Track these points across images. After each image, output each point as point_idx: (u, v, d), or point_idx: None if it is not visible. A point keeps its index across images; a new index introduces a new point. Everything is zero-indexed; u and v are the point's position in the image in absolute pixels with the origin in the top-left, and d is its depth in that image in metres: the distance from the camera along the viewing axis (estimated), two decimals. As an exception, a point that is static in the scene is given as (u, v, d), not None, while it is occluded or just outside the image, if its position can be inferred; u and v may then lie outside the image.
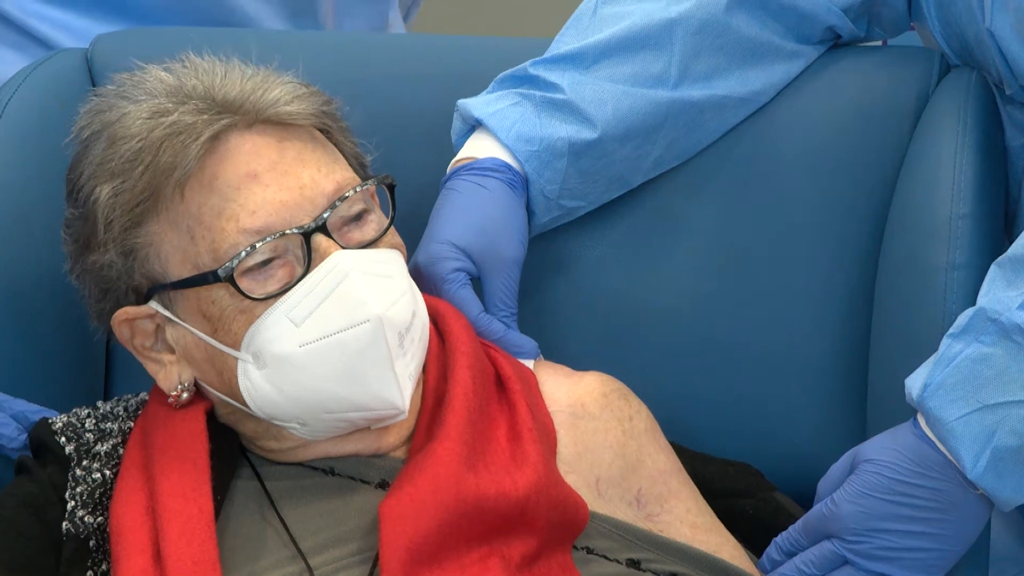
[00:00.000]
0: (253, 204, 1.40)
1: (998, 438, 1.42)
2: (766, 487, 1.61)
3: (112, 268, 1.44)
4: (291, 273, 1.41)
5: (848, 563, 1.48)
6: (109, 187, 1.42)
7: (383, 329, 1.38)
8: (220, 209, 1.40)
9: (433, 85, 1.76)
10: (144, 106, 1.42)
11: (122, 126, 1.42)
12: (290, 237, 1.40)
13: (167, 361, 1.46)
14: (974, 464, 1.43)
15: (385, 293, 1.40)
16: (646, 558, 1.46)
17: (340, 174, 1.44)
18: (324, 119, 1.47)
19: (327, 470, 1.45)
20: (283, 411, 1.42)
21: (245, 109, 1.42)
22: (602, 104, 1.65)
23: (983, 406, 1.43)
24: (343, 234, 1.43)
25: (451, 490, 1.38)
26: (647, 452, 1.53)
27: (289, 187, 1.41)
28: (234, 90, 1.42)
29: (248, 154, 1.42)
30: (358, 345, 1.38)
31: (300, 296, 1.39)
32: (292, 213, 1.41)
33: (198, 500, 1.39)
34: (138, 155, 1.41)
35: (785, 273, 1.66)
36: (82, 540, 1.42)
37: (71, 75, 1.78)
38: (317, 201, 1.42)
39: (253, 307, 1.40)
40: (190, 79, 1.44)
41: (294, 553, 1.40)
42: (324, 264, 1.40)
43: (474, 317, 1.56)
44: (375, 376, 1.39)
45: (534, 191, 1.66)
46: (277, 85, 1.44)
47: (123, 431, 1.49)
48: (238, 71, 1.45)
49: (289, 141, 1.43)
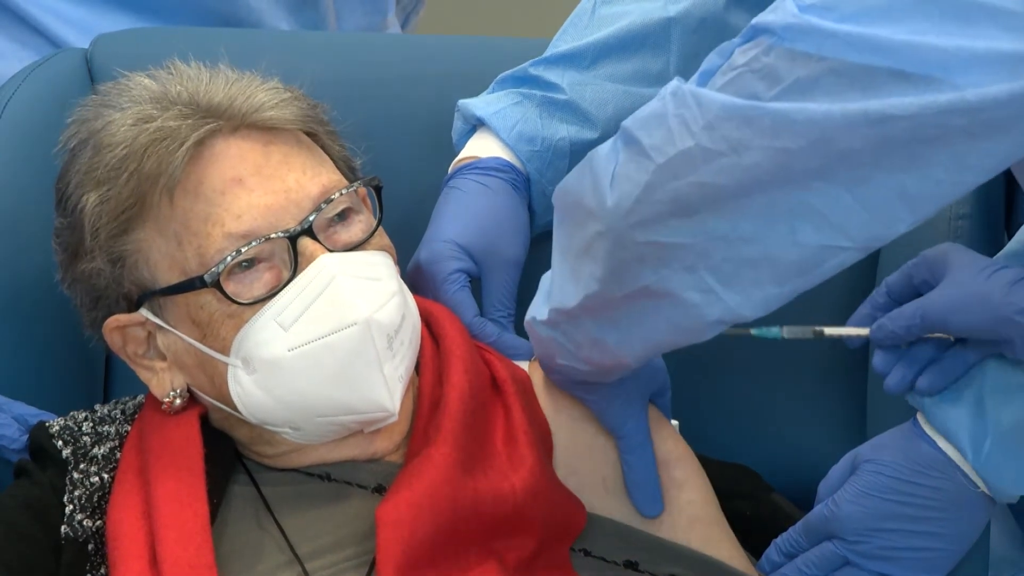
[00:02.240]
0: (238, 209, 1.40)
1: (997, 422, 1.42)
2: (763, 488, 1.61)
3: (101, 276, 1.44)
4: (278, 277, 1.41)
5: (849, 564, 1.47)
6: (95, 195, 1.42)
7: (371, 332, 1.38)
8: (206, 214, 1.40)
9: (433, 85, 1.76)
10: (128, 113, 1.42)
11: (107, 134, 1.42)
12: (276, 241, 1.40)
13: (159, 368, 1.46)
14: (976, 452, 1.43)
15: (373, 296, 1.40)
16: (644, 559, 1.46)
17: (326, 177, 1.44)
18: (310, 123, 1.47)
19: (323, 475, 1.45)
20: (274, 416, 1.42)
21: (230, 114, 1.42)
22: (603, 104, 1.65)
23: (981, 395, 1.43)
24: (329, 236, 1.43)
25: (448, 494, 1.38)
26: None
27: (274, 191, 1.41)
28: (218, 95, 1.42)
29: (233, 159, 1.41)
30: (346, 348, 1.38)
31: (288, 300, 1.39)
32: (277, 217, 1.40)
33: (193, 504, 1.39)
34: (123, 162, 1.41)
35: (785, 273, 1.66)
36: (81, 544, 1.43)
37: (71, 75, 1.78)
38: (303, 204, 1.41)
39: (241, 312, 1.40)
40: (174, 85, 1.44)
41: (291, 558, 1.40)
42: (311, 268, 1.39)
43: (468, 321, 1.55)
44: (364, 379, 1.39)
45: (536, 191, 1.66)
46: (262, 90, 1.44)
47: (120, 434, 1.49)
48: (223, 76, 1.45)
49: (274, 145, 1.43)
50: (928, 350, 1.45)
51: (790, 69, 1.17)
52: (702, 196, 1.22)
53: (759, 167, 1.19)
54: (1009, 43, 1.11)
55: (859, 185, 1.18)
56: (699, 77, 1.23)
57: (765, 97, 1.18)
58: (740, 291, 1.25)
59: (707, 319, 1.28)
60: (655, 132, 1.24)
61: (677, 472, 1.52)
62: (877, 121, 1.15)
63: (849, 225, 1.20)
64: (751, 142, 1.19)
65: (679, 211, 1.23)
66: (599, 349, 1.38)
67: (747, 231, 1.22)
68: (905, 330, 1.43)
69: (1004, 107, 1.12)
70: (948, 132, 1.14)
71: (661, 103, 1.25)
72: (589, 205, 1.30)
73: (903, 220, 1.20)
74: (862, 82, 1.15)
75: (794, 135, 1.17)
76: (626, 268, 1.28)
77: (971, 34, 1.11)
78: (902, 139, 1.15)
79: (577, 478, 1.49)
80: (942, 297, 1.42)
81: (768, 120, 1.18)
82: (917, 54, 1.12)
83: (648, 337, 1.34)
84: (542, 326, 1.41)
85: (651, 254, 1.27)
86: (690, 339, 1.37)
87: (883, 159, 1.17)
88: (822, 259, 1.23)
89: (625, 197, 1.26)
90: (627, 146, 1.26)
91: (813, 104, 1.16)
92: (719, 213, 1.22)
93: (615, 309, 1.33)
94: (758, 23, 1.19)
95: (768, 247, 1.22)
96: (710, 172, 1.21)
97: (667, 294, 1.28)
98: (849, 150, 1.16)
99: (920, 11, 1.13)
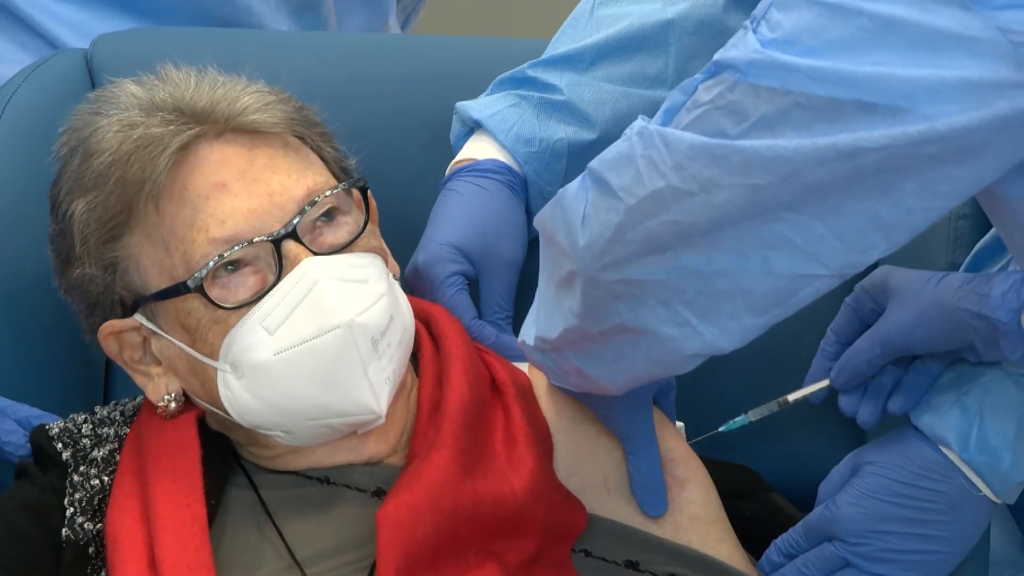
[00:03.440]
0: (222, 213, 1.40)
1: (980, 414, 1.43)
2: (763, 488, 1.61)
3: (94, 282, 1.44)
4: (263, 281, 1.40)
5: (849, 565, 1.48)
6: (83, 202, 1.42)
7: (353, 335, 1.38)
8: (191, 220, 1.40)
9: (433, 85, 1.76)
10: (114, 120, 1.42)
11: (95, 141, 1.42)
12: (260, 245, 1.40)
13: (155, 373, 1.46)
14: (963, 446, 1.43)
15: (357, 299, 1.40)
16: (644, 559, 1.46)
17: (312, 179, 1.44)
18: (296, 125, 1.46)
19: (322, 479, 1.45)
20: (264, 419, 1.42)
21: (214, 118, 1.42)
22: (601, 105, 1.65)
23: (962, 391, 1.44)
24: (315, 238, 1.42)
25: (448, 497, 1.38)
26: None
27: (258, 195, 1.41)
28: (203, 100, 1.42)
29: (216, 163, 1.41)
30: (330, 352, 1.38)
31: (273, 304, 1.39)
32: (261, 220, 1.40)
33: (191, 506, 1.39)
34: (109, 169, 1.41)
35: (785, 274, 1.65)
36: (82, 547, 1.43)
37: (71, 75, 1.78)
38: (287, 207, 1.41)
39: (227, 316, 1.40)
40: (159, 91, 1.44)
41: (290, 563, 1.40)
42: (295, 271, 1.39)
43: (467, 323, 1.55)
44: (349, 381, 1.39)
45: (534, 192, 1.66)
46: (247, 93, 1.44)
47: (119, 436, 1.49)
48: (209, 80, 1.45)
49: (260, 149, 1.43)
50: (890, 374, 1.47)
51: (756, 105, 1.16)
52: (674, 234, 1.22)
53: (730, 204, 1.19)
54: (977, 71, 1.11)
55: (831, 215, 1.18)
56: (663, 115, 1.23)
57: (732, 134, 1.18)
58: (717, 323, 1.25)
59: (685, 353, 1.28)
60: (624, 173, 1.24)
61: (679, 471, 1.52)
62: (847, 155, 1.15)
63: (823, 253, 1.20)
64: (721, 180, 1.19)
65: (652, 249, 1.24)
66: (583, 378, 1.39)
67: (721, 264, 1.22)
68: (867, 364, 1.46)
69: (974, 134, 1.12)
70: (918, 161, 1.14)
71: (627, 143, 1.25)
72: (562, 243, 1.30)
73: (877, 247, 1.20)
74: (829, 115, 1.14)
75: (765, 172, 1.17)
76: (602, 305, 1.29)
77: (937, 63, 1.11)
78: (872, 170, 1.15)
79: (578, 479, 1.49)
80: (897, 319, 1.43)
81: (738, 158, 1.18)
82: (882, 85, 1.12)
83: (628, 371, 1.34)
84: (531, 350, 1.42)
85: (626, 292, 1.27)
86: (670, 372, 1.39)
87: (854, 189, 1.17)
88: (797, 288, 1.23)
89: (597, 238, 1.26)
90: (596, 186, 1.27)
91: (782, 140, 1.16)
92: (692, 249, 1.22)
93: (594, 343, 1.33)
94: (720, 59, 1.19)
95: (742, 279, 1.22)
96: (681, 211, 1.21)
97: (644, 330, 1.28)
98: (820, 183, 1.16)
99: (883, 43, 1.12)
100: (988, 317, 1.37)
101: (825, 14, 1.14)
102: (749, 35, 1.17)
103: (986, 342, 1.39)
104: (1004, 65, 1.10)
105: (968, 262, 1.49)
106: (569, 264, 1.30)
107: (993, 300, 1.37)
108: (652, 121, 1.24)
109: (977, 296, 1.38)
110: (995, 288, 1.37)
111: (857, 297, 1.47)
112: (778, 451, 1.66)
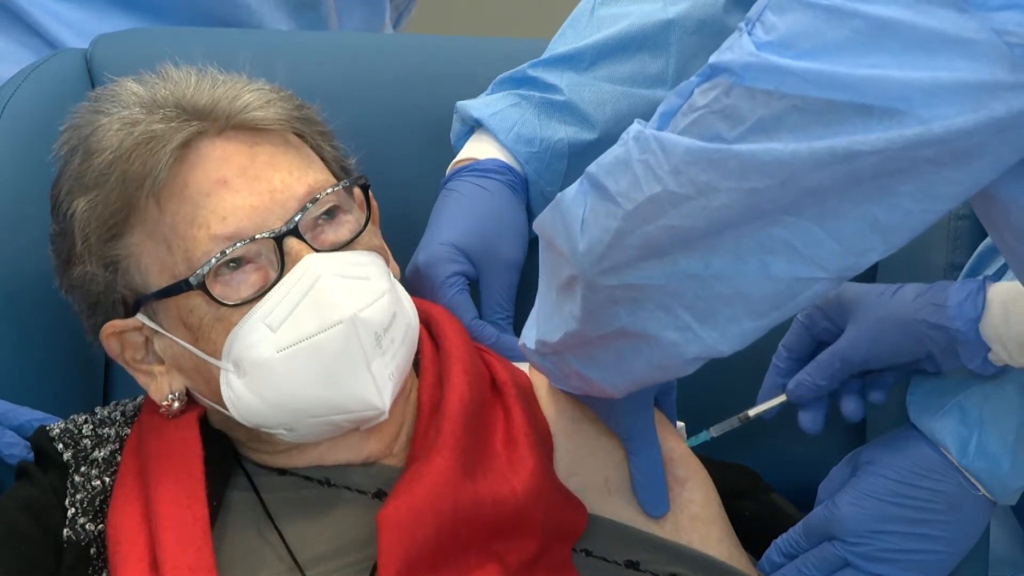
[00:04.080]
0: (223, 210, 1.40)
1: (980, 421, 1.43)
2: (763, 488, 1.61)
3: (95, 281, 1.44)
4: (265, 278, 1.40)
5: (849, 565, 1.48)
6: (84, 200, 1.42)
7: (356, 330, 1.38)
8: (192, 217, 1.40)
9: (432, 85, 1.76)
10: (116, 118, 1.42)
11: (96, 139, 1.42)
12: (262, 242, 1.40)
13: (157, 372, 1.46)
14: (963, 451, 1.43)
15: (359, 295, 1.39)
16: (645, 559, 1.46)
17: (313, 177, 1.44)
18: (297, 123, 1.46)
19: (323, 481, 1.45)
20: (267, 418, 1.42)
21: (215, 116, 1.42)
22: (601, 105, 1.65)
23: (960, 395, 1.44)
24: (316, 235, 1.42)
25: (449, 498, 1.38)
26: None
27: (259, 192, 1.41)
28: (204, 97, 1.42)
29: (218, 160, 1.41)
30: (333, 347, 1.38)
31: (275, 301, 1.39)
32: (263, 217, 1.40)
33: (193, 507, 1.39)
34: (110, 167, 1.41)
35: (786, 274, 1.65)
36: (83, 547, 1.42)
37: (71, 75, 1.78)
38: (288, 204, 1.41)
39: (229, 314, 1.39)
40: (160, 89, 1.44)
41: (291, 566, 1.40)
42: (297, 268, 1.39)
43: (467, 323, 1.55)
44: (352, 377, 1.39)
45: (534, 192, 1.66)
46: (248, 91, 1.44)
47: (120, 437, 1.49)
48: (209, 78, 1.45)
49: (261, 146, 1.43)
50: (852, 386, 1.49)
51: (752, 108, 1.16)
52: (672, 238, 1.22)
53: (728, 208, 1.19)
54: (972, 73, 1.10)
55: (829, 219, 1.18)
56: (659, 119, 1.23)
57: (729, 138, 1.17)
58: (716, 327, 1.25)
59: (685, 356, 1.28)
60: (621, 178, 1.24)
61: (679, 470, 1.52)
62: (844, 158, 1.14)
63: (821, 256, 1.20)
64: (719, 184, 1.19)
65: (650, 254, 1.24)
66: (584, 381, 1.39)
67: (719, 268, 1.22)
68: (829, 380, 1.47)
69: (970, 136, 1.12)
70: (915, 164, 1.14)
71: (624, 148, 1.25)
72: (561, 248, 1.30)
73: (875, 249, 1.20)
74: (825, 117, 1.14)
75: (762, 176, 1.17)
76: (602, 310, 1.29)
77: (933, 65, 1.11)
78: (869, 173, 1.15)
79: (579, 479, 1.49)
80: (855, 334, 1.45)
81: (735, 162, 1.17)
82: (878, 88, 1.12)
83: (629, 374, 1.34)
84: (532, 353, 1.42)
85: (625, 296, 1.27)
86: (670, 375, 1.39)
87: (851, 193, 1.16)
88: (796, 291, 1.23)
89: (596, 243, 1.26)
90: (594, 191, 1.27)
91: (779, 144, 1.16)
92: (690, 253, 1.22)
93: (595, 347, 1.34)
94: (716, 63, 1.19)
95: (741, 283, 1.22)
96: (679, 215, 1.21)
97: (644, 335, 1.28)
98: (817, 187, 1.16)
99: (879, 45, 1.12)
100: (946, 327, 1.38)
101: (820, 16, 1.14)
102: (744, 38, 1.17)
103: (944, 352, 1.40)
104: (1000, 67, 1.10)
105: (971, 263, 1.49)
106: (569, 269, 1.30)
107: (950, 310, 1.38)
108: (648, 125, 1.23)
109: (934, 307, 1.39)
110: (951, 298, 1.39)
111: (810, 315, 1.48)
112: (778, 451, 1.66)
